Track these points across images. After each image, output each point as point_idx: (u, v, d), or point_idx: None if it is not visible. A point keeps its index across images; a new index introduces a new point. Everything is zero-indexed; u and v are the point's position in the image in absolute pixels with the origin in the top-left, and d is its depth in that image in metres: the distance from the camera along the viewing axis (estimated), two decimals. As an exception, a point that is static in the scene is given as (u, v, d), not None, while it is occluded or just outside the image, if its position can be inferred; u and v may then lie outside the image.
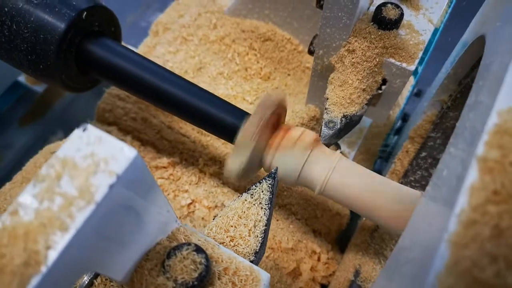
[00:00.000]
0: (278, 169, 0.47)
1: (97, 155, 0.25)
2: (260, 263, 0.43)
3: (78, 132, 0.26)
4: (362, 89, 0.55)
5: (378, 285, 0.41)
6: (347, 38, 0.53)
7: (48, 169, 0.25)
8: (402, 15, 0.52)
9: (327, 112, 0.55)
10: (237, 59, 0.82)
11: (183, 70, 0.80)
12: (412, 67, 0.54)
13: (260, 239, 0.41)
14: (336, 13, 0.51)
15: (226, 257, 0.36)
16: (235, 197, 0.44)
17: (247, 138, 0.47)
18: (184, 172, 0.73)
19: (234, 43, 0.84)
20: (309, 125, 0.70)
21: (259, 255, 0.41)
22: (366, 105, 0.56)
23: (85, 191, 0.24)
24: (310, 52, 0.62)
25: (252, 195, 0.43)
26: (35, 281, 0.22)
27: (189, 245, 0.33)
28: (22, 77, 0.95)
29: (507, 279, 0.23)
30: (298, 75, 0.83)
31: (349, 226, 0.73)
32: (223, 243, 0.40)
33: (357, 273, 0.61)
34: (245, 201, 0.43)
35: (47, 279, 0.22)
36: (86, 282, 0.36)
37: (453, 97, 0.62)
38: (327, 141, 0.54)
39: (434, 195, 0.34)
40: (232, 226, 0.41)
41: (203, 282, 0.32)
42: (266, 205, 0.42)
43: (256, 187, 0.43)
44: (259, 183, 0.44)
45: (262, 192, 0.43)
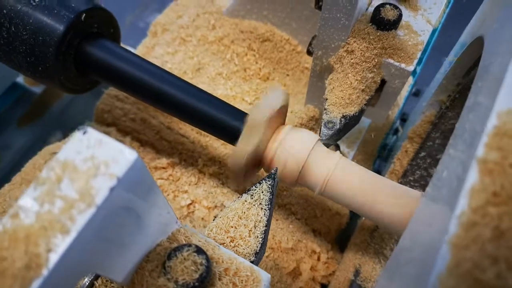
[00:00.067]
0: (277, 169, 0.47)
1: (97, 158, 0.25)
2: (260, 263, 0.43)
3: (78, 135, 0.26)
4: (361, 90, 0.55)
5: (379, 285, 0.41)
6: (346, 39, 0.53)
7: (48, 172, 0.25)
8: (400, 15, 0.52)
9: (326, 112, 0.55)
10: (236, 60, 0.82)
11: (182, 71, 0.79)
12: (411, 68, 0.54)
13: (260, 239, 0.41)
14: (334, 14, 0.51)
15: (226, 257, 0.36)
16: (235, 198, 0.44)
17: (261, 118, 0.47)
18: (183, 172, 0.73)
19: (233, 43, 0.84)
20: (308, 126, 0.70)
21: (260, 256, 0.41)
22: (365, 106, 0.56)
23: (85, 194, 0.24)
24: (309, 52, 0.62)
25: (252, 195, 0.43)
26: (36, 284, 0.22)
27: (190, 246, 0.33)
28: (20, 78, 0.95)
29: (508, 280, 0.23)
30: (297, 76, 0.83)
31: (348, 225, 0.73)
32: (223, 244, 0.40)
33: (357, 273, 0.61)
34: (245, 201, 0.43)
35: (48, 281, 0.22)
36: (86, 283, 0.36)
37: (452, 98, 0.62)
38: (327, 142, 0.54)
39: (434, 196, 0.34)
40: (232, 226, 0.41)
41: (203, 283, 0.32)
42: (266, 205, 0.42)
43: (256, 187, 0.44)
44: (259, 183, 0.44)
45: (262, 192, 0.43)
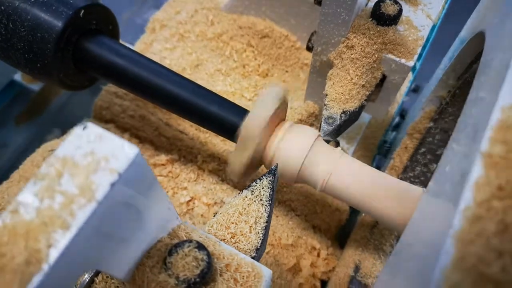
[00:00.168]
0: (278, 165, 0.47)
1: (97, 153, 0.25)
2: (260, 260, 0.43)
3: (78, 130, 0.26)
4: (361, 85, 0.54)
5: (381, 281, 0.41)
6: (346, 34, 0.53)
7: (48, 168, 0.25)
8: (400, 10, 0.52)
9: (326, 108, 0.55)
10: (235, 56, 0.82)
11: (181, 67, 0.79)
12: (411, 63, 0.54)
13: (261, 235, 0.41)
14: (334, 9, 0.50)
15: (227, 253, 0.36)
16: (235, 194, 0.44)
17: (253, 133, 0.46)
18: (182, 169, 0.73)
19: (231, 40, 0.83)
20: (308, 122, 0.70)
21: (260, 252, 0.41)
22: (365, 101, 0.56)
23: (86, 189, 0.24)
24: (308, 48, 0.61)
25: (252, 191, 0.43)
26: (36, 280, 0.22)
27: (191, 242, 0.33)
28: (18, 76, 0.95)
29: (513, 274, 0.23)
30: (296, 72, 0.83)
31: (348, 221, 0.73)
32: (224, 240, 0.40)
33: (357, 269, 0.61)
34: (246, 197, 0.42)
35: (48, 277, 0.22)
36: (87, 279, 0.36)
37: (452, 93, 0.61)
38: (327, 137, 0.54)
39: (437, 191, 0.34)
40: (233, 223, 0.41)
41: (205, 278, 0.32)
42: (266, 201, 0.42)
43: (256, 183, 0.43)
44: (259, 180, 0.44)
45: (262, 188, 0.43)
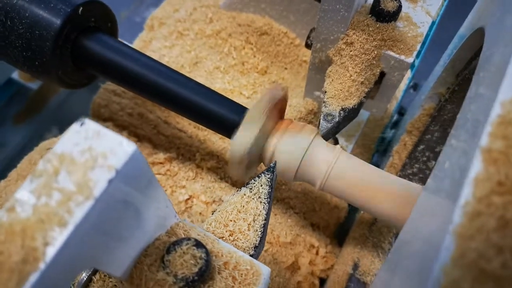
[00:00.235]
0: (276, 163, 0.47)
1: (95, 150, 0.25)
2: (258, 258, 0.43)
3: (75, 126, 0.25)
4: (360, 82, 0.54)
5: (380, 278, 0.41)
6: (345, 30, 0.53)
7: (45, 165, 0.24)
8: (400, 7, 0.52)
9: (325, 105, 0.55)
10: (234, 53, 0.81)
11: (180, 64, 0.79)
12: (410, 60, 0.54)
13: (259, 233, 0.40)
14: (334, 6, 0.50)
15: (226, 251, 0.36)
16: (233, 192, 0.43)
17: (259, 112, 0.47)
18: (181, 167, 0.73)
19: (230, 37, 0.83)
20: (307, 119, 0.70)
21: (259, 249, 0.41)
22: (364, 98, 0.56)
23: (83, 186, 0.24)
24: (307, 45, 0.61)
25: (251, 189, 0.43)
26: (33, 278, 0.22)
27: (189, 240, 0.33)
28: (16, 74, 0.94)
29: (513, 270, 0.23)
30: (295, 69, 0.83)
31: (347, 219, 0.73)
32: (222, 238, 0.40)
33: (355, 266, 0.61)
34: (244, 195, 0.42)
35: (45, 276, 0.22)
36: (84, 278, 0.35)
37: (451, 90, 0.61)
38: (326, 135, 0.53)
39: (436, 187, 0.34)
40: (231, 220, 0.41)
41: (203, 276, 0.32)
42: (265, 199, 0.42)
43: (255, 181, 0.43)
44: (258, 177, 0.43)
45: (261, 186, 0.43)
